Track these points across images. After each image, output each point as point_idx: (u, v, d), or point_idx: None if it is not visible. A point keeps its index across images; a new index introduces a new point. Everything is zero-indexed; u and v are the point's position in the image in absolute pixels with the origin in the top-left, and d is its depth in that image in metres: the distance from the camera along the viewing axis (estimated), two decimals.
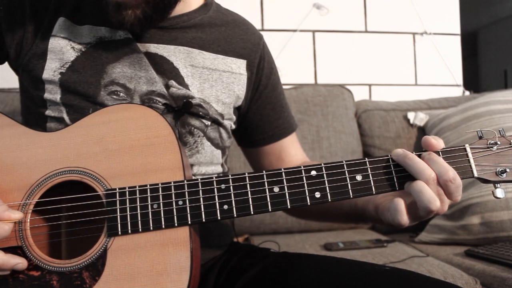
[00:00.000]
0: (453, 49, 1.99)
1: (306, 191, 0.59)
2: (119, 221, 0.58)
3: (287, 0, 1.85)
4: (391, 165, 0.60)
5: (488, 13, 4.89)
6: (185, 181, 0.60)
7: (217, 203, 0.59)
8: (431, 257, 1.14)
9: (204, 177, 0.60)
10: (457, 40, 2.00)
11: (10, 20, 0.73)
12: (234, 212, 0.59)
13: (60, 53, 0.72)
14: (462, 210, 1.26)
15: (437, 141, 0.59)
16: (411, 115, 1.61)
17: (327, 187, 0.59)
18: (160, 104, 0.73)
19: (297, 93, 1.61)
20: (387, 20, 1.93)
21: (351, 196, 0.59)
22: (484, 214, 1.21)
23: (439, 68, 1.98)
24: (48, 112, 0.72)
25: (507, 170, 0.59)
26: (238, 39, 0.82)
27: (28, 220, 0.60)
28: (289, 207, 0.59)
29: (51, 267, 0.58)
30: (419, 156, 0.59)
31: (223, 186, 0.59)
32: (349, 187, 0.59)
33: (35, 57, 0.72)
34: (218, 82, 0.78)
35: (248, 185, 0.59)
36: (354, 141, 1.58)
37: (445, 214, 1.31)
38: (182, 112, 0.74)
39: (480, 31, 5.55)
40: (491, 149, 0.60)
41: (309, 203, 0.59)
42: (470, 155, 0.60)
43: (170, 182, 0.59)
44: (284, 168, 0.60)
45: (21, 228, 0.59)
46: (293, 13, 1.86)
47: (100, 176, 0.61)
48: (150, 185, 0.59)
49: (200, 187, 0.59)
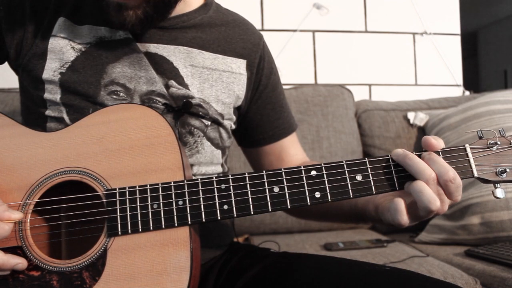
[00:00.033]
0: (453, 49, 1.99)
1: (306, 191, 0.59)
2: (119, 221, 0.58)
3: (287, 0, 1.85)
4: (391, 165, 0.60)
5: (488, 13, 4.89)
6: (185, 181, 0.60)
7: (217, 203, 0.59)
8: (431, 257, 1.14)
9: (204, 177, 0.60)
10: (457, 40, 2.00)
11: (10, 20, 0.73)
12: (234, 212, 0.59)
13: (60, 53, 0.72)
14: (462, 210, 1.26)
15: (437, 141, 0.59)
16: (411, 115, 1.61)
17: (327, 187, 0.59)
18: (160, 104, 0.73)
19: (297, 93, 1.61)
20: (387, 20, 1.93)
21: (351, 196, 0.59)
22: (484, 214, 1.21)
23: (439, 68, 1.98)
24: (48, 112, 0.72)
25: (507, 170, 0.59)
26: (238, 39, 0.82)
27: (28, 220, 0.60)
28: (289, 207, 0.59)
29: (51, 267, 0.58)
30: (419, 156, 0.59)
31: (223, 186, 0.59)
32: (349, 187, 0.59)
33: (35, 57, 0.72)
34: (218, 82, 0.78)
35: (248, 185, 0.59)
36: (354, 141, 1.58)
37: (445, 214, 1.31)
38: (182, 112, 0.74)
39: (480, 31, 5.56)
40: (491, 149, 0.60)
41: (309, 203, 0.59)
42: (470, 155, 0.60)
43: (170, 182, 0.59)
44: (284, 168, 0.60)
45: (21, 228, 0.59)
46: (293, 13, 1.86)
47: (100, 176, 0.61)
48: (150, 185, 0.59)
49: (200, 187, 0.59)
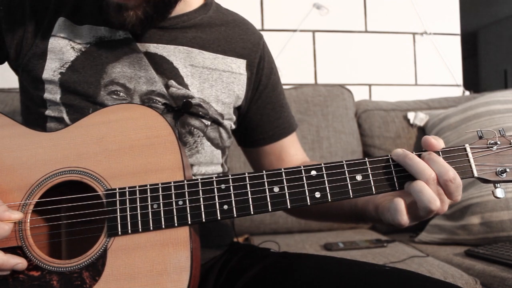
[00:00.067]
0: (453, 49, 1.99)
1: (306, 191, 0.59)
2: (119, 221, 0.58)
3: (287, 0, 1.85)
4: (391, 165, 0.60)
5: (488, 13, 4.89)
6: (185, 181, 0.60)
7: (217, 203, 0.59)
8: (431, 257, 1.14)
9: (204, 177, 0.60)
10: (457, 40, 2.00)
11: (10, 20, 0.73)
12: (234, 212, 0.59)
13: (60, 53, 0.72)
14: (462, 210, 1.26)
15: (437, 141, 0.59)
16: (411, 115, 1.61)
17: (327, 187, 0.59)
18: (160, 104, 0.73)
19: (297, 93, 1.61)
20: (387, 20, 1.93)
21: (351, 196, 0.59)
22: (484, 214, 1.21)
23: (439, 68, 1.98)
24: (48, 112, 0.72)
25: (507, 170, 0.59)
26: (238, 39, 0.82)
27: (28, 220, 0.60)
28: (289, 207, 0.59)
29: (51, 267, 0.58)
30: (419, 156, 0.59)
31: (223, 186, 0.59)
32: (349, 187, 0.59)
33: (35, 57, 0.72)
34: (218, 82, 0.78)
35: (248, 185, 0.59)
36: (354, 141, 1.58)
37: (445, 214, 1.31)
38: (182, 112, 0.74)
39: (480, 31, 5.56)
40: (491, 149, 0.60)
41: (309, 203, 0.59)
42: (470, 155, 0.60)
43: (170, 182, 0.59)
44: (284, 168, 0.60)
45: (21, 228, 0.59)
46: (293, 13, 1.86)
47: (100, 176, 0.61)
48: (150, 185, 0.59)
49: (200, 187, 0.59)
